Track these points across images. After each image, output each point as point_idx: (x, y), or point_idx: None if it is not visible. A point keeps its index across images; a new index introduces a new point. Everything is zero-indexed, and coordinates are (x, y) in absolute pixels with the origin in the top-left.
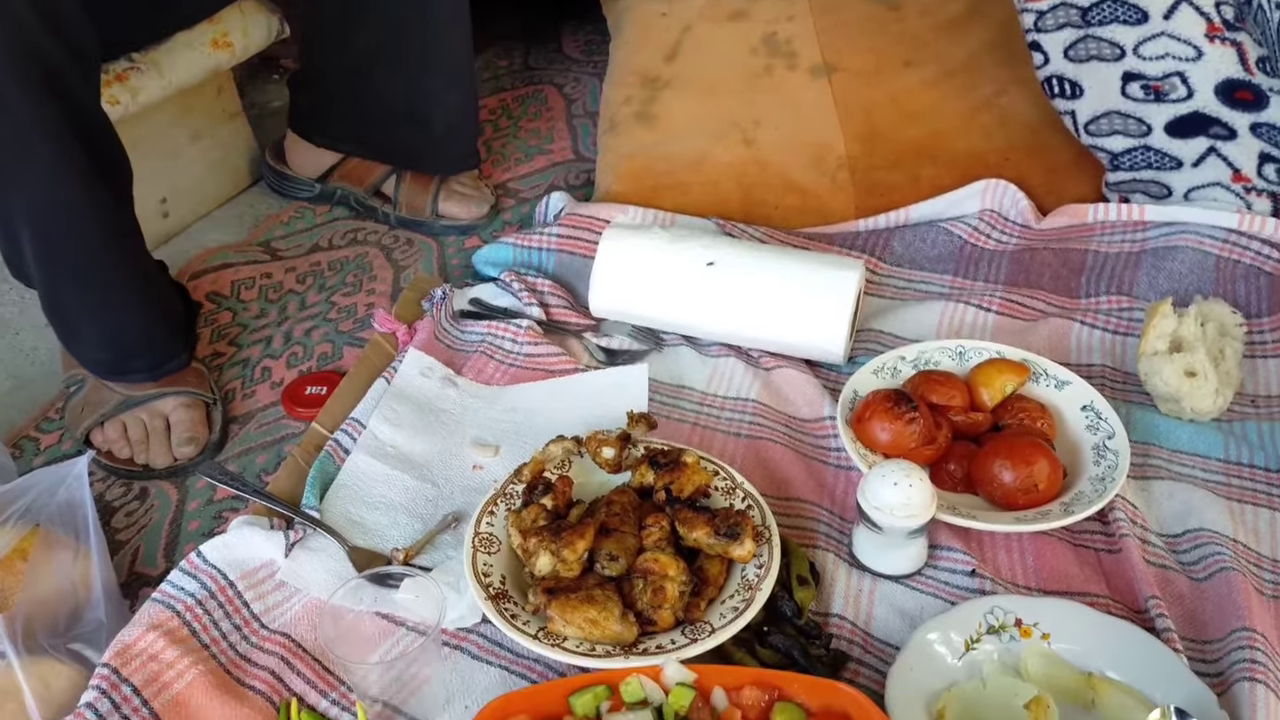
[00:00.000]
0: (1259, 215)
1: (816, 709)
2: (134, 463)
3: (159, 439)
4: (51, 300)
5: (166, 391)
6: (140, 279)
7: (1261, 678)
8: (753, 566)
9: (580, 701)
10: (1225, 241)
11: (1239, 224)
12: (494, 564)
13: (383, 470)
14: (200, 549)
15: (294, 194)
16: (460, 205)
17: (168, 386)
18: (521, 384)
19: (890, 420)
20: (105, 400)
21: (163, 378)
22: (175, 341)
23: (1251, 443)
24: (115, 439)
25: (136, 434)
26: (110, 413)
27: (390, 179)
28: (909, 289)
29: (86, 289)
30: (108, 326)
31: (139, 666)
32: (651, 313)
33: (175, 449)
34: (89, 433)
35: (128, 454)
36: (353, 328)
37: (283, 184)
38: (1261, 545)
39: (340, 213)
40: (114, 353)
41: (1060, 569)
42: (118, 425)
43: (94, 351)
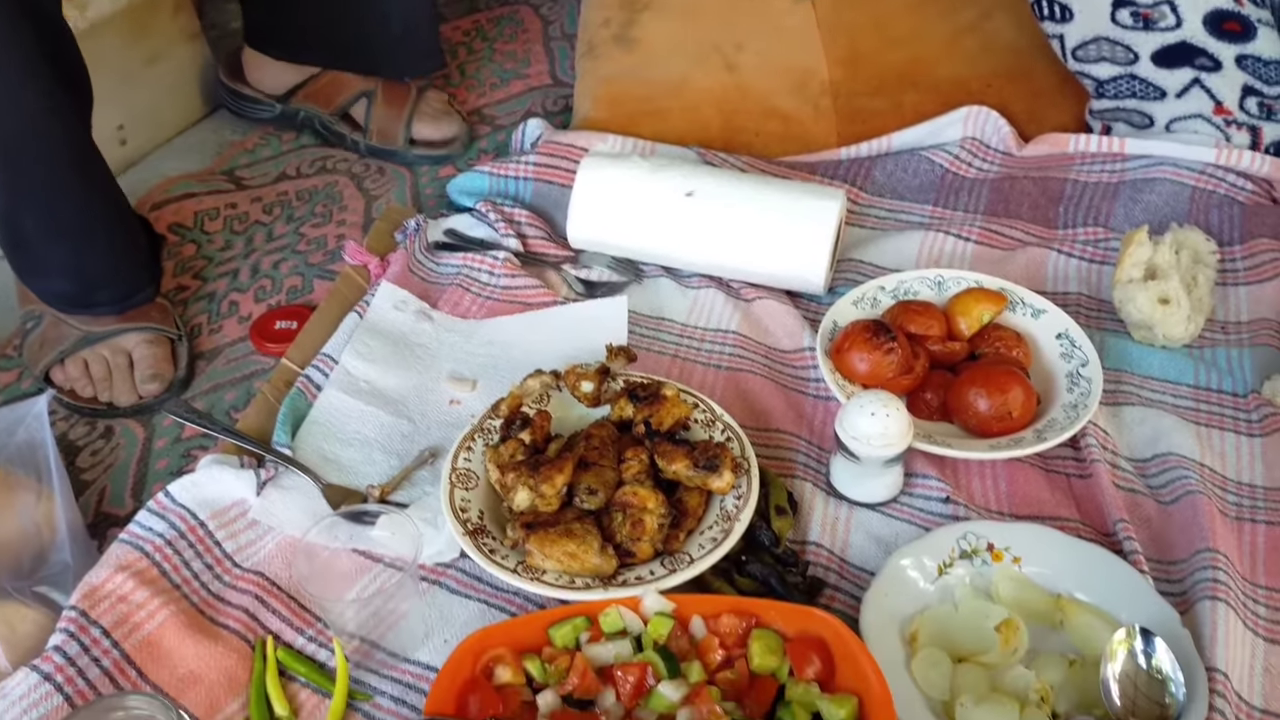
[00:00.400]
0: (1237, 148)
1: (793, 635)
2: (97, 401)
3: (122, 376)
4: (12, 229)
5: (129, 327)
6: (108, 204)
7: (1223, 596)
8: (731, 498)
9: (560, 633)
10: (1202, 173)
11: (1216, 158)
12: (472, 499)
13: (356, 406)
14: (168, 489)
15: (254, 115)
16: (434, 126)
17: (130, 322)
18: (498, 317)
19: (869, 351)
20: (65, 336)
21: (128, 311)
22: (141, 272)
23: (1220, 368)
24: (77, 377)
25: (99, 371)
26: (70, 349)
27: (359, 102)
28: (890, 219)
29: (52, 214)
30: (73, 255)
31: (108, 608)
32: (631, 243)
33: (139, 386)
34: (49, 370)
35: (90, 392)
36: (323, 260)
37: (241, 105)
38: (1227, 468)
39: (307, 140)
40: (78, 284)
41: (1032, 494)
42: (79, 363)
43: (56, 283)
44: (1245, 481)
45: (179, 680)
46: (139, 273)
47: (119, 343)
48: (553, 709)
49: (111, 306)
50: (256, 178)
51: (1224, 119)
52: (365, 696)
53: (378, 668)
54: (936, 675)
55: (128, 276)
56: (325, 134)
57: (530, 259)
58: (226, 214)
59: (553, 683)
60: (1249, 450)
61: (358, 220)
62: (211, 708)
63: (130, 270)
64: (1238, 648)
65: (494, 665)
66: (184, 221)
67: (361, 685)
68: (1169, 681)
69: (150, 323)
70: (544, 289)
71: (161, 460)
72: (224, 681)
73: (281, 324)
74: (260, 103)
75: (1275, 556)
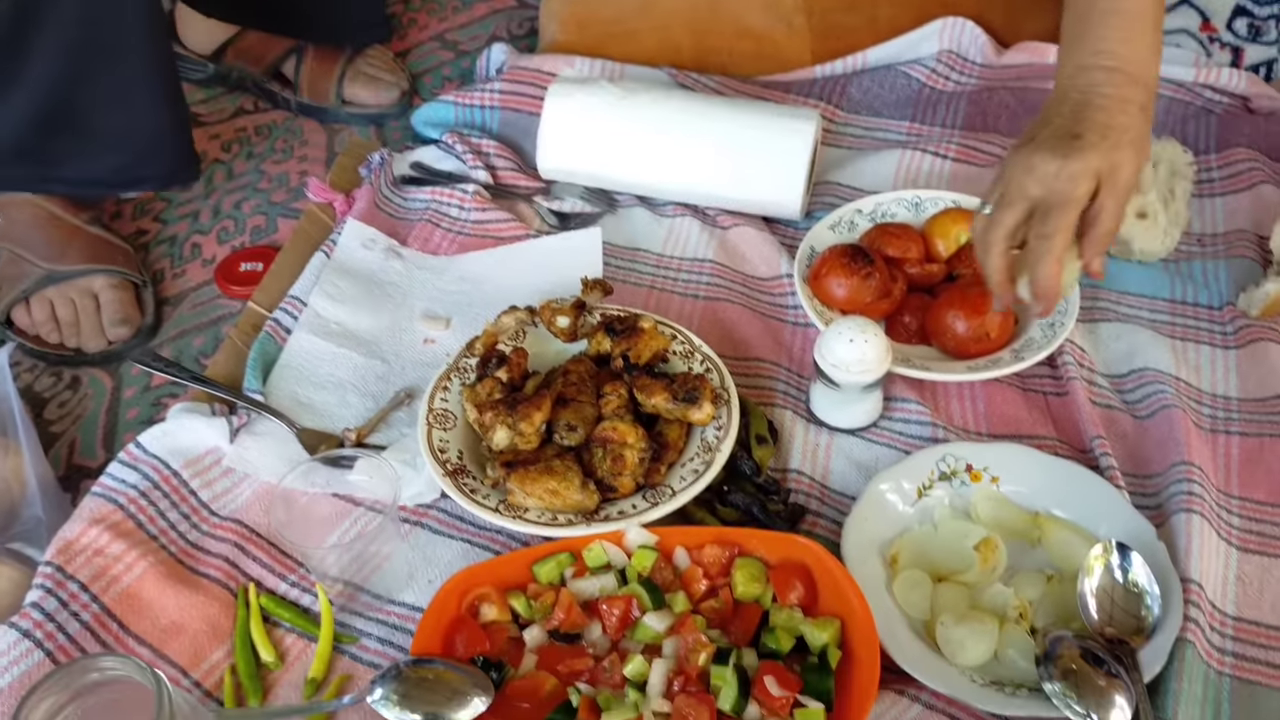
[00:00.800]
0: (1216, 66)
1: (776, 562)
2: (64, 347)
3: (90, 320)
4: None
5: (94, 269)
6: (173, 62)
7: (1197, 508)
8: (712, 429)
9: (544, 570)
10: (1180, 87)
11: (1195, 76)
12: (450, 439)
13: (328, 348)
14: (139, 439)
15: (185, 75)
16: (369, 89)
17: (95, 264)
18: (470, 252)
19: (846, 276)
20: (25, 274)
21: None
22: (187, 147)
23: (1196, 281)
24: (43, 321)
25: (66, 314)
26: (33, 288)
27: (290, 59)
28: (866, 137)
29: (122, 71)
30: (132, 120)
31: (85, 562)
32: (603, 172)
33: (108, 330)
34: (10, 311)
35: (57, 338)
36: (286, 198)
37: None
38: (1202, 381)
39: None
40: (128, 154)
41: (1010, 414)
42: (44, 305)
43: (103, 158)
44: (1220, 394)
45: (161, 631)
46: (187, 148)
47: (85, 284)
48: (540, 644)
49: (155, 183)
50: (213, 114)
51: (1208, 36)
52: (351, 639)
53: (362, 610)
54: (917, 596)
55: (179, 150)
56: (257, 93)
57: (500, 191)
58: None
59: (539, 618)
60: (1224, 362)
61: (320, 155)
62: (196, 657)
63: (181, 143)
64: (1212, 558)
65: (479, 604)
66: None
67: (347, 628)
68: (1145, 594)
69: (115, 266)
70: (516, 222)
71: (131, 410)
72: (208, 630)
73: (246, 266)
74: (192, 63)
75: (1249, 467)
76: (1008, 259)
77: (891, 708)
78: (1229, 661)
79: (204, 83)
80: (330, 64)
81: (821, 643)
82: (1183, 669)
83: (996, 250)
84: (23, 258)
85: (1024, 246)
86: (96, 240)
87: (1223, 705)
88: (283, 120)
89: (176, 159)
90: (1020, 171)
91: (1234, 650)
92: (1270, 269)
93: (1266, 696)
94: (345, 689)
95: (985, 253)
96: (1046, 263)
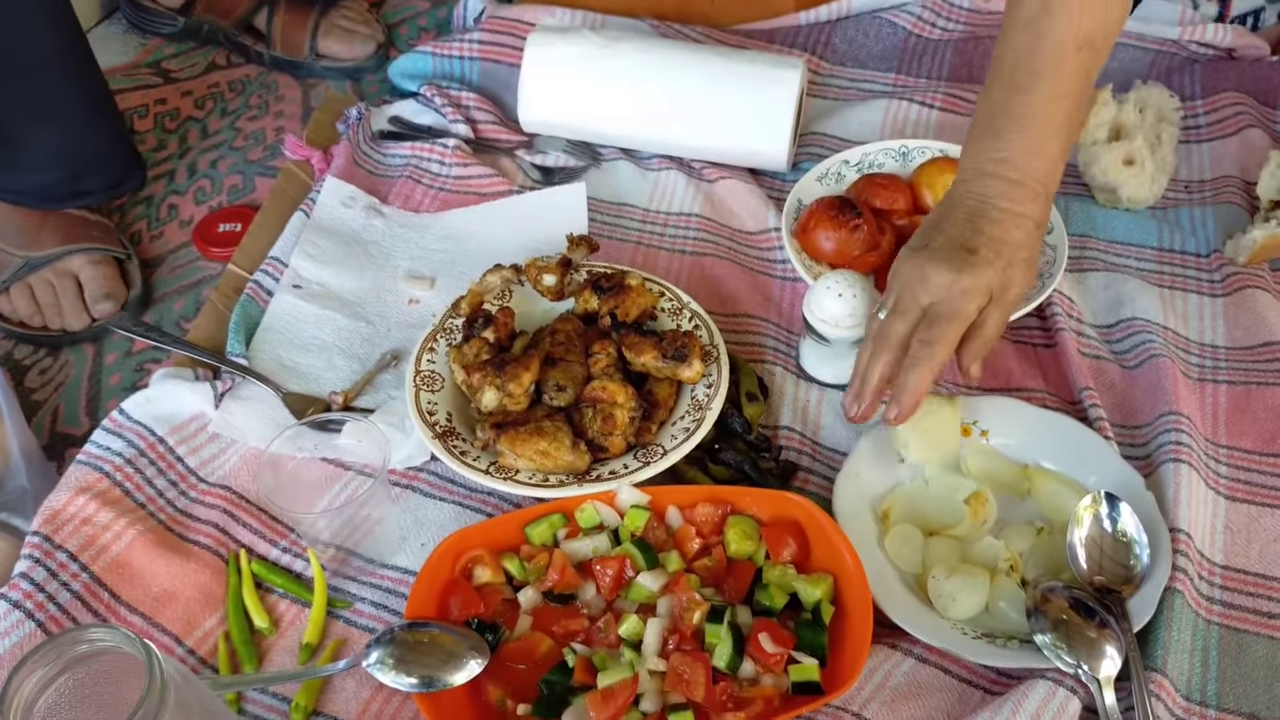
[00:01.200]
0: (1201, 22)
1: (768, 519)
2: (49, 330)
3: (71, 300)
4: None
5: (72, 248)
6: (96, 82)
7: (1185, 458)
8: (702, 386)
9: (536, 531)
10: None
11: (1180, 35)
12: (439, 401)
13: (311, 310)
14: (123, 406)
15: (154, 29)
16: (343, 42)
17: (71, 244)
18: (453, 209)
19: (834, 229)
20: (3, 265)
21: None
22: (130, 156)
23: (1184, 229)
24: (24, 307)
25: (45, 297)
26: (12, 278)
27: (262, 11)
28: (852, 89)
29: (40, 94)
30: (61, 138)
31: (72, 532)
32: (586, 124)
33: (92, 307)
34: None
35: (40, 321)
36: (263, 156)
37: (141, 17)
38: (1189, 330)
39: None
40: (66, 170)
41: (1000, 366)
42: (24, 291)
43: (38, 175)
44: (1207, 342)
45: (153, 599)
46: (128, 156)
47: (63, 265)
48: (534, 605)
49: (100, 195)
50: (185, 69)
51: None
52: (345, 604)
53: (355, 575)
54: (909, 550)
55: (117, 160)
56: (229, 46)
57: (482, 146)
58: (157, 110)
59: (533, 580)
60: (1211, 311)
61: (296, 111)
62: (189, 624)
63: (120, 153)
64: (1200, 507)
65: (473, 566)
66: None
67: (340, 593)
68: (1134, 544)
69: (94, 243)
70: (499, 177)
71: (114, 376)
72: (200, 597)
73: (225, 227)
74: (161, 16)
75: (1236, 416)
76: (892, 369)
77: (884, 662)
78: (1217, 610)
79: (174, 37)
80: (303, 16)
81: (815, 599)
82: (1171, 618)
83: (885, 359)
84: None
85: None
86: (70, 219)
87: (1211, 653)
88: (256, 75)
89: (117, 170)
90: (915, 280)
91: (1222, 599)
92: (1257, 216)
93: (1253, 644)
94: (340, 653)
95: (874, 359)
96: (922, 370)
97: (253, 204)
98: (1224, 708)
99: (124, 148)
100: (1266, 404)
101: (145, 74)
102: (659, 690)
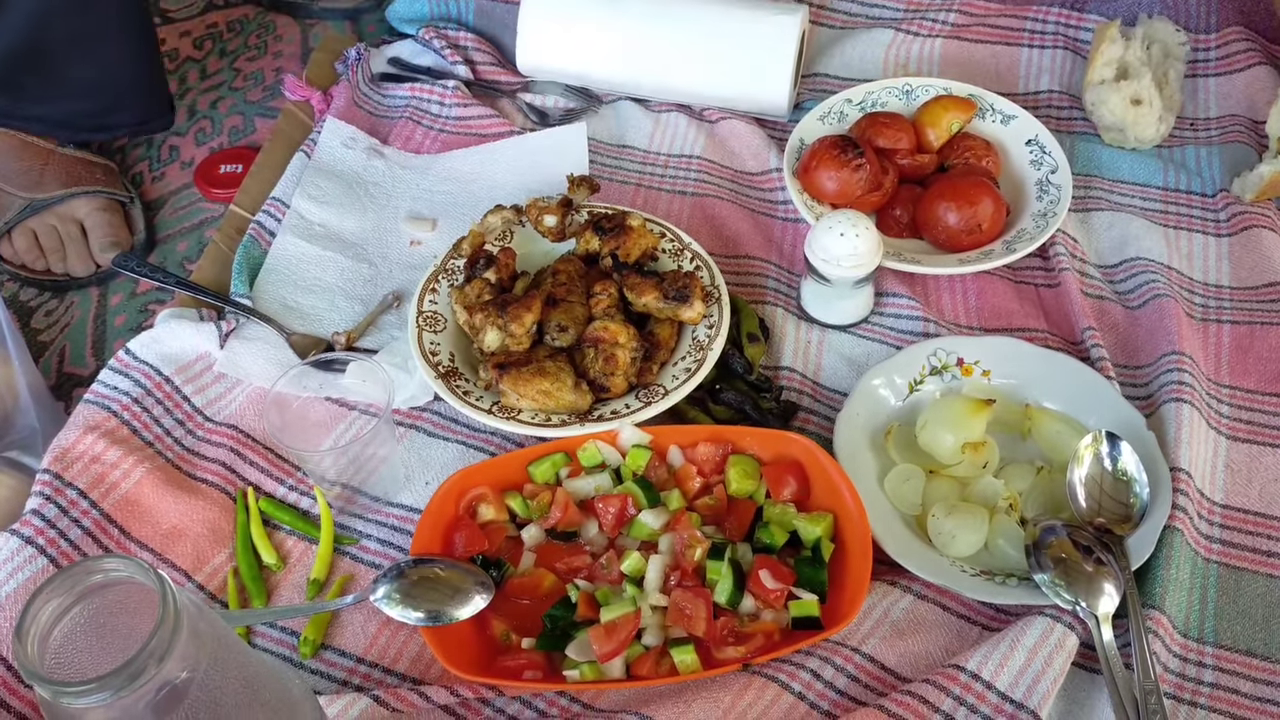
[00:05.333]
0: None
1: (769, 459)
2: (51, 273)
3: (76, 246)
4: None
5: (76, 191)
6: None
7: (1187, 397)
8: (703, 327)
9: (539, 470)
10: None
11: None
12: (441, 342)
13: (314, 251)
14: (129, 346)
15: None
16: None
17: (75, 186)
18: (454, 150)
19: (837, 168)
20: (6, 206)
21: (143, 133)
22: (162, 92)
23: (1189, 168)
24: (26, 250)
25: (50, 243)
26: (14, 220)
27: None
28: (860, 15)
29: (87, 19)
30: (101, 69)
31: (82, 469)
32: (584, 70)
33: (96, 254)
34: None
35: (43, 265)
36: (262, 96)
37: None
38: (1194, 270)
39: None
40: (99, 101)
41: (1002, 306)
42: (26, 234)
43: (72, 104)
44: (1212, 282)
45: (163, 536)
46: (161, 95)
47: (67, 210)
48: (538, 542)
49: (125, 130)
50: (182, 9)
51: None
52: (351, 540)
53: (361, 512)
54: (909, 489)
55: (150, 95)
56: None
57: (482, 87)
58: None
59: (536, 518)
60: (1216, 250)
61: (295, 51)
62: (199, 560)
63: (152, 88)
64: (1201, 446)
65: (477, 504)
66: None
67: (347, 530)
68: (1133, 482)
69: (98, 186)
70: (499, 118)
71: (119, 316)
72: (208, 534)
73: (226, 168)
74: None
75: (1239, 356)
76: None
77: (884, 599)
78: (1216, 549)
79: None
80: None
81: (815, 536)
82: (1170, 556)
83: None
84: (3, 189)
85: None
86: (74, 162)
87: (1209, 591)
88: (254, 15)
89: (148, 107)
90: None
91: (1221, 538)
92: (1266, 153)
93: (1251, 581)
94: (348, 589)
95: None
96: None
97: (253, 145)
98: (1221, 644)
99: (159, 86)
100: (1270, 343)
101: None
102: (661, 625)
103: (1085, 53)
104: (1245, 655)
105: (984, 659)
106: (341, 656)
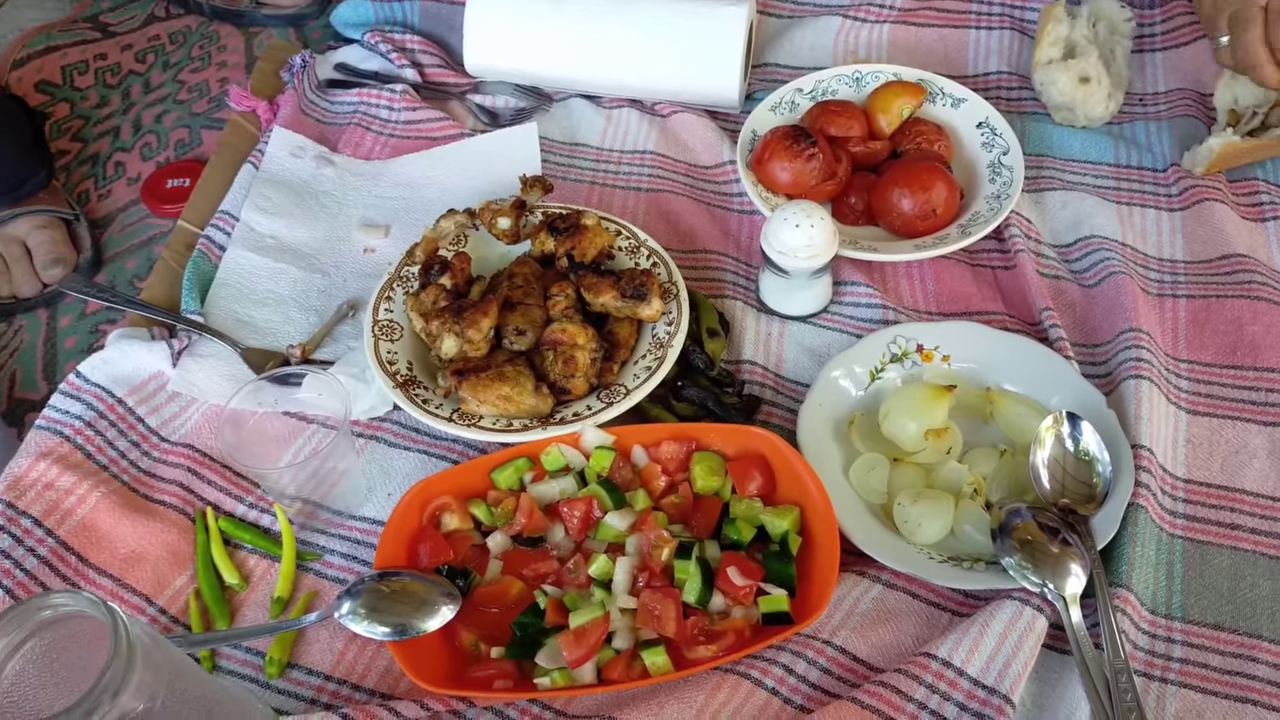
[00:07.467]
0: None
1: (733, 454)
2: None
3: (21, 266)
4: None
5: (17, 213)
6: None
7: (1146, 374)
8: (662, 324)
9: (502, 476)
10: None
11: None
12: (398, 350)
13: (265, 264)
14: (79, 369)
15: None
16: None
17: (18, 208)
18: (404, 155)
19: (790, 159)
20: None
21: (21, 201)
22: (30, 156)
23: (1140, 144)
24: None
25: None
26: None
27: None
28: (808, 3)
29: None
30: None
31: (35, 497)
32: (533, 69)
33: (41, 273)
34: None
35: None
36: (208, 108)
37: None
38: (1148, 245)
39: None
40: None
41: (959, 291)
42: None
43: None
44: (1166, 257)
45: (122, 560)
46: (26, 156)
47: (8, 231)
48: (504, 549)
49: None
50: (124, 22)
51: None
52: (314, 556)
53: (324, 527)
54: (874, 479)
55: (14, 163)
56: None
57: (430, 90)
58: (97, 66)
59: (501, 525)
60: (1169, 225)
61: (239, 60)
62: (159, 584)
63: (16, 155)
64: (1161, 422)
65: (440, 514)
66: (51, 79)
67: (309, 546)
68: (1096, 462)
69: (40, 205)
70: (449, 121)
71: (69, 338)
72: (168, 557)
73: (173, 182)
74: None
75: (1196, 329)
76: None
77: (853, 589)
78: (1180, 523)
79: None
80: None
81: (782, 530)
82: (1135, 534)
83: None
84: None
85: None
86: None
87: (1175, 566)
88: (197, 25)
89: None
90: None
91: (1185, 512)
92: (1215, 126)
93: (1216, 555)
94: (312, 606)
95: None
96: None
97: (200, 158)
98: (1189, 619)
99: (20, 150)
100: (1226, 316)
101: (83, 28)
102: (631, 628)
103: (1032, 33)
104: (1213, 629)
105: (955, 646)
106: (309, 675)
